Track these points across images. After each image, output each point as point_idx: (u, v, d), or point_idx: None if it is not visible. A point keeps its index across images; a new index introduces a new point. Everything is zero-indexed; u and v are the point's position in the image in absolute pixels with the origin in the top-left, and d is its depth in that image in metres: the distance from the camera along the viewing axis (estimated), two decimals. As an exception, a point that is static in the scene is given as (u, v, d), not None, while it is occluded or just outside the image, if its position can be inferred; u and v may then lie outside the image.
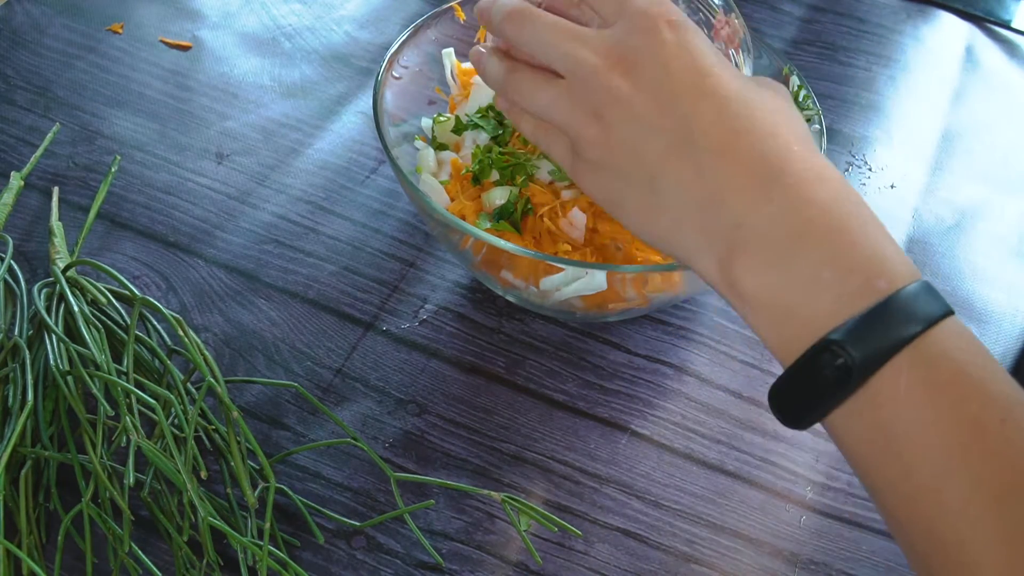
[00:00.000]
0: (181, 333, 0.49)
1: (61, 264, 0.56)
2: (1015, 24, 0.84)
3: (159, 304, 0.51)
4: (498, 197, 0.54)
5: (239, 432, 0.48)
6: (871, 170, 0.72)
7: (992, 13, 0.84)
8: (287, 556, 0.46)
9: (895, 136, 0.74)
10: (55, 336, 0.50)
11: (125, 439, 0.46)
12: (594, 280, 0.50)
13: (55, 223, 0.60)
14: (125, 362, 0.49)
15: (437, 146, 0.59)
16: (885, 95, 0.77)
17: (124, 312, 0.54)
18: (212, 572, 0.46)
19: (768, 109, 0.39)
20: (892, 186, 0.71)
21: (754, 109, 0.38)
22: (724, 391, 0.57)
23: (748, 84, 0.39)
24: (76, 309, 0.51)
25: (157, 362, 0.52)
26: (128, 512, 0.45)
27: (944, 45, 0.82)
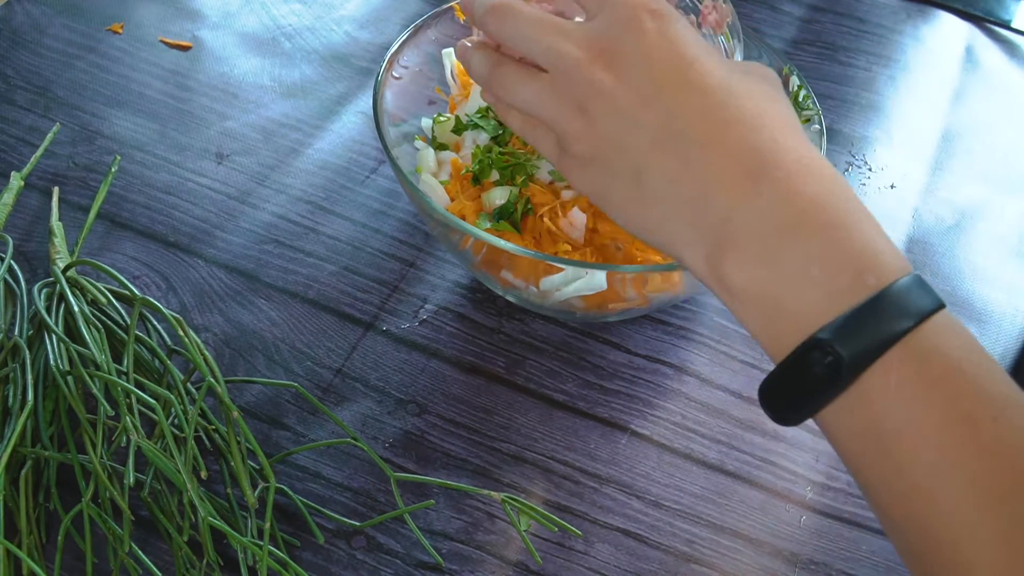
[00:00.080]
0: (181, 333, 0.49)
1: (61, 264, 0.56)
2: (1015, 24, 0.84)
3: (159, 304, 0.51)
4: (498, 197, 0.54)
5: (239, 432, 0.48)
6: (871, 170, 0.72)
7: (992, 13, 0.84)
8: (287, 556, 0.46)
9: (895, 136, 0.74)
10: (55, 336, 0.50)
11: (125, 439, 0.46)
12: (594, 280, 0.50)
13: (55, 223, 0.60)
14: (125, 362, 0.49)
15: (437, 146, 0.59)
16: (885, 95, 0.77)
17: (124, 312, 0.54)
18: (212, 572, 0.46)
19: (755, 98, 0.38)
20: (892, 186, 0.71)
21: (741, 98, 0.37)
22: (724, 391, 0.57)
23: (734, 72, 0.38)
24: (76, 309, 0.51)
25: (157, 362, 0.52)
26: (128, 512, 0.45)
27: (944, 45, 0.82)
